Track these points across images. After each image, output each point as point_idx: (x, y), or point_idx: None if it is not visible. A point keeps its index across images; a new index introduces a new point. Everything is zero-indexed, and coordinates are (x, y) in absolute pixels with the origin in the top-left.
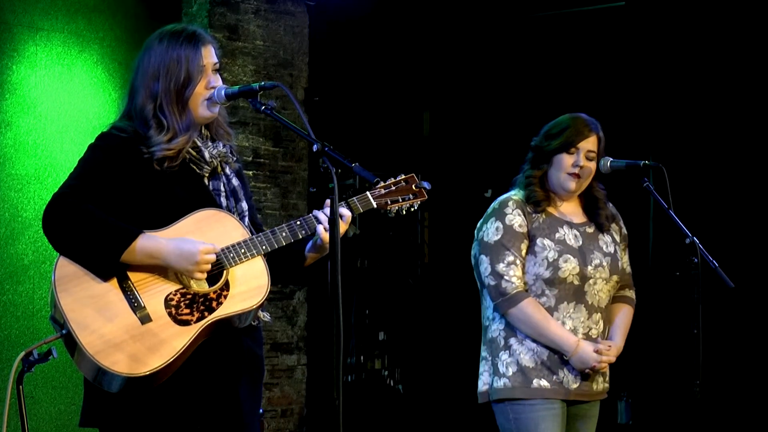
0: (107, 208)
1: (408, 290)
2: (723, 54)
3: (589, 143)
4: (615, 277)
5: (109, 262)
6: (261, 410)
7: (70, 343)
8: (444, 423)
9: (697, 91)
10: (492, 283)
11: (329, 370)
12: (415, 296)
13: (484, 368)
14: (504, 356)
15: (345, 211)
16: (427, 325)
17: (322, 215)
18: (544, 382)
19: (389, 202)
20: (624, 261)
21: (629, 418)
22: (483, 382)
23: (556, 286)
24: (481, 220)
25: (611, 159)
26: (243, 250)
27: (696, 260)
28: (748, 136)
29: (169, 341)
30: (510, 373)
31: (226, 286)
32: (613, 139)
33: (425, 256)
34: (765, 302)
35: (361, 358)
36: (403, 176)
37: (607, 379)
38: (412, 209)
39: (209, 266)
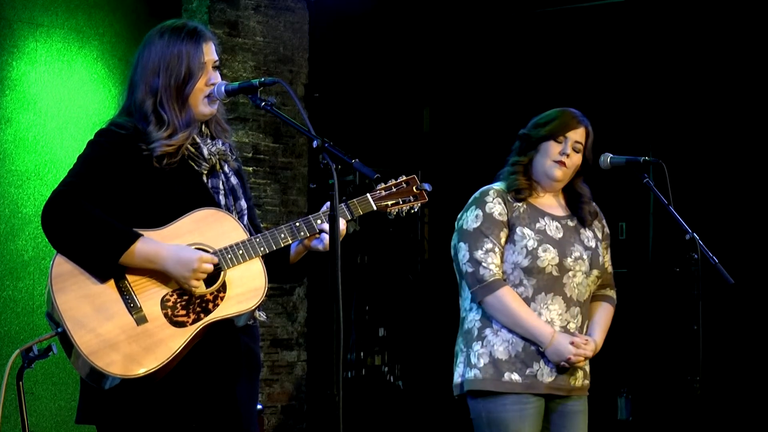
0: (106, 205)
1: (408, 286)
2: (723, 50)
3: (578, 134)
4: (595, 272)
5: (106, 264)
6: (260, 406)
7: (66, 341)
8: (444, 419)
9: (698, 87)
10: (470, 270)
11: (329, 366)
12: (415, 292)
13: (459, 360)
14: (477, 347)
15: (340, 220)
16: (427, 321)
17: (325, 225)
18: (515, 376)
19: (389, 204)
20: (606, 259)
21: (629, 414)
22: (458, 374)
23: (534, 275)
24: (462, 211)
25: (611, 155)
26: (241, 252)
27: (696, 256)
28: (749, 133)
29: (164, 342)
30: (481, 365)
31: (223, 287)
32: (613, 135)
33: (425, 252)
34: (765, 298)
35: (361, 354)
36: (404, 177)
37: (588, 375)
38: (413, 211)
39: (205, 275)
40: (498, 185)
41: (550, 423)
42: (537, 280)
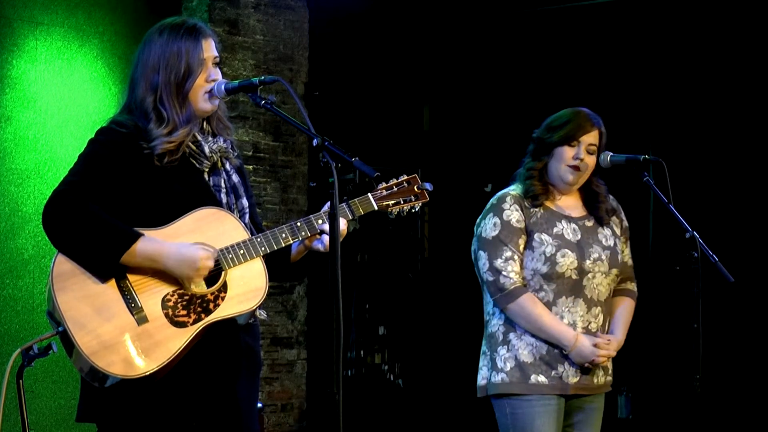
0: (107, 204)
1: (408, 285)
2: (724, 49)
3: (591, 137)
4: (615, 271)
5: (108, 264)
6: (260, 404)
7: (67, 341)
8: (444, 417)
9: (698, 85)
10: (490, 278)
11: (329, 364)
12: (415, 291)
13: (483, 363)
14: (502, 351)
15: (341, 220)
16: (427, 319)
17: (326, 225)
18: (541, 378)
19: (391, 204)
20: (625, 254)
21: (629, 412)
22: (482, 377)
23: (554, 280)
24: (480, 216)
25: (611, 153)
26: (242, 252)
27: (696, 255)
28: (749, 131)
29: (165, 343)
30: (508, 368)
31: (224, 287)
32: (613, 133)
33: (425, 250)
34: (765, 297)
35: (361, 352)
36: (405, 177)
37: (610, 372)
38: (414, 211)
39: (207, 272)
40: (514, 190)
41: (572, 419)
42: (557, 285)
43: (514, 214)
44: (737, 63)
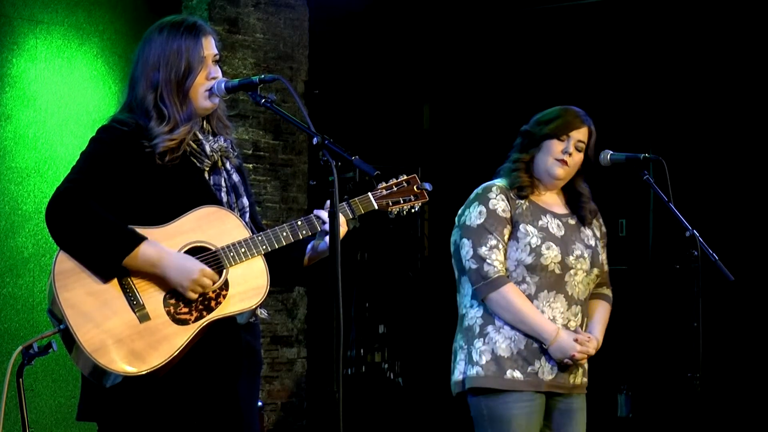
0: (109, 202)
1: (408, 283)
2: (723, 47)
3: (581, 134)
4: (595, 271)
5: (110, 265)
6: (261, 403)
7: (68, 338)
8: (443, 416)
9: (698, 84)
10: (474, 266)
11: (329, 363)
12: (415, 289)
13: (460, 357)
14: (479, 344)
15: (341, 218)
16: (427, 318)
17: (325, 214)
18: (517, 374)
19: (390, 203)
20: (603, 258)
21: (629, 411)
22: (459, 371)
23: (538, 273)
24: (463, 207)
25: (611, 152)
26: (243, 250)
27: (696, 253)
28: (749, 130)
29: (167, 340)
30: (483, 362)
31: (226, 285)
32: (613, 132)
33: (425, 249)
34: (765, 296)
35: (361, 351)
36: (405, 177)
37: (586, 373)
38: (413, 210)
39: (203, 290)
40: (500, 181)
41: (551, 421)
42: (540, 278)
43: (500, 204)
44: (737, 63)
